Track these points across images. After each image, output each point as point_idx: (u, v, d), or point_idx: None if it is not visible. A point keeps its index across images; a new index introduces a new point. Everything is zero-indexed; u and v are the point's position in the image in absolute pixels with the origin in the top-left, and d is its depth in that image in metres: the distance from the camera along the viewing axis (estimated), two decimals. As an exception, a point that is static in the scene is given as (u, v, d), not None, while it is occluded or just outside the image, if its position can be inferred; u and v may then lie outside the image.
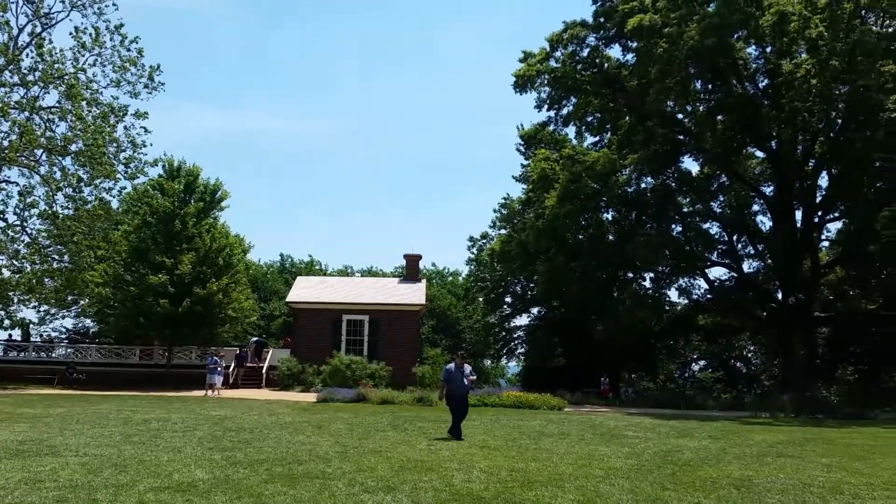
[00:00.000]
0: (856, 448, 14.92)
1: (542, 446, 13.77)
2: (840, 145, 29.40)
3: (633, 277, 38.19)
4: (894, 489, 9.94)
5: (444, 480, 9.61)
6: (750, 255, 38.96)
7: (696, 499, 8.94)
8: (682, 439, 15.75)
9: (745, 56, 31.68)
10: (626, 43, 34.46)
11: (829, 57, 26.42)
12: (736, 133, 31.26)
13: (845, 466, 12.15)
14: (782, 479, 10.59)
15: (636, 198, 35.95)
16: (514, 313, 47.50)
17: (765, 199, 35.58)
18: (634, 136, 33.72)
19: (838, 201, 33.32)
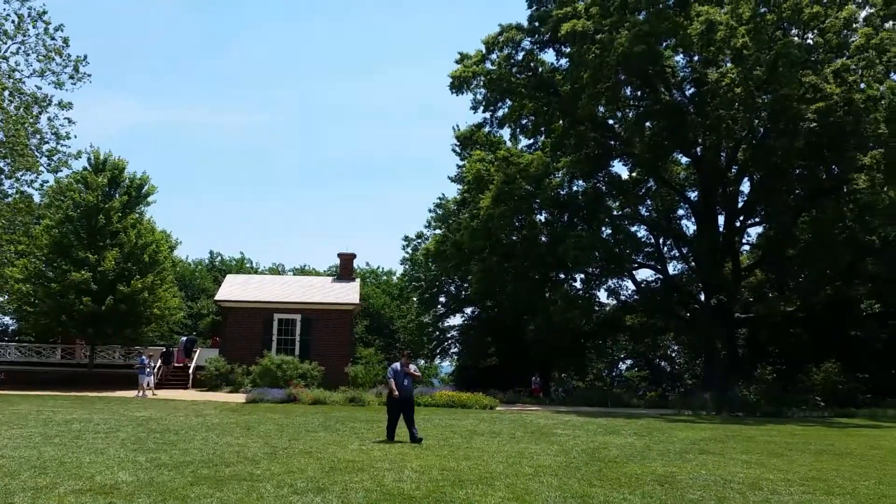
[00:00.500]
0: (773, 445, 15.58)
1: (473, 445, 13.90)
2: (761, 153, 30.58)
3: (565, 278, 38.86)
4: (810, 485, 10.44)
5: (375, 481, 9.61)
6: (675, 258, 40.20)
7: (622, 495, 9.19)
8: (609, 437, 16.15)
9: (673, 64, 32.69)
10: (559, 48, 35.07)
11: (753, 67, 27.48)
12: (663, 139, 32.20)
13: (764, 463, 12.68)
14: (704, 475, 10.99)
15: (568, 200, 36.63)
16: (448, 313, 47.71)
17: (690, 204, 36.77)
18: (567, 140, 34.36)
19: (759, 207, 34.69)
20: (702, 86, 30.68)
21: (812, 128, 28.00)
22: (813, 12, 28.01)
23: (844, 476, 11.31)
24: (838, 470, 11.97)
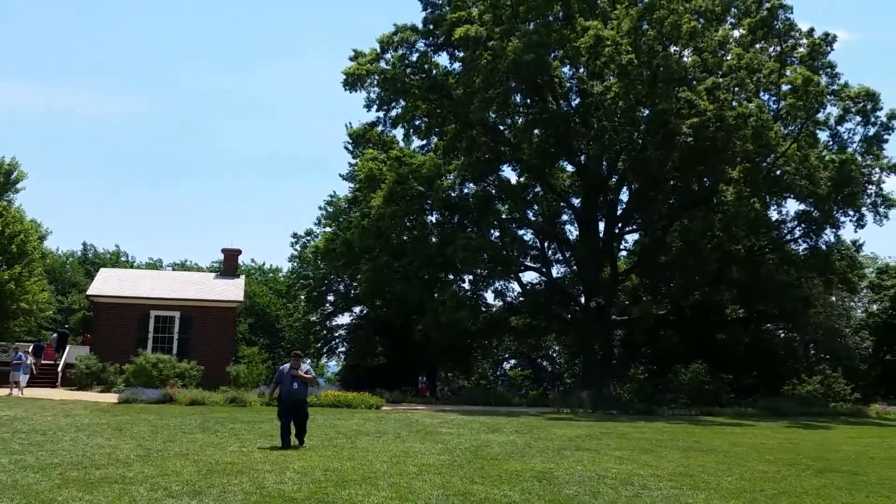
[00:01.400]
0: (644, 442, 16.40)
1: (358, 445, 13.86)
2: (640, 164, 32.12)
3: (454, 279, 39.35)
4: (677, 480, 11.02)
5: (255, 483, 9.41)
6: (559, 261, 41.52)
7: (503, 491, 9.43)
8: (491, 435, 16.51)
9: (561, 75, 33.79)
10: (453, 51, 35.49)
11: (635, 81, 28.86)
12: (550, 146, 33.29)
13: (635, 459, 13.33)
14: (580, 471, 11.44)
15: (459, 202, 37.15)
16: (337, 312, 47.23)
17: (573, 210, 38.18)
18: (459, 143, 34.87)
19: (636, 215, 36.47)
20: (587, 97, 31.92)
21: (686, 142, 29.62)
22: (691, 28, 29.66)
23: (709, 472, 12.04)
24: (704, 466, 12.74)
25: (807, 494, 10.18)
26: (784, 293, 35.23)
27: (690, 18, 29.90)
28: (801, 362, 41.57)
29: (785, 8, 32.69)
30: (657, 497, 9.56)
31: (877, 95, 31.90)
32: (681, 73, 29.42)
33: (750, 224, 32.01)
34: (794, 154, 30.79)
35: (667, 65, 28.36)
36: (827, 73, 32.50)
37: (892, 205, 32.89)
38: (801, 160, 30.62)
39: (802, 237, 34.96)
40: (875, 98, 31.93)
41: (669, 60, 28.93)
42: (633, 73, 28.74)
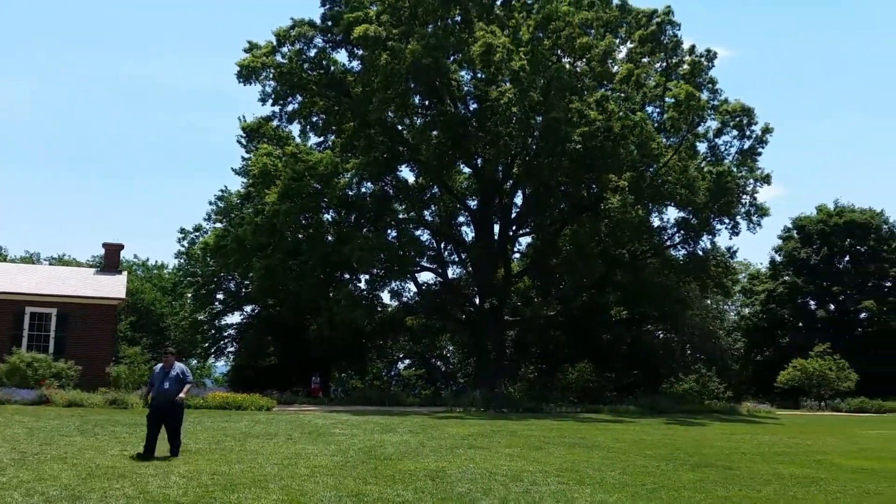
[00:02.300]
0: (534, 439, 16.87)
1: (247, 448, 13.56)
2: (533, 169, 32.99)
3: (350, 279, 39.09)
4: (564, 475, 11.42)
5: (138, 487, 9.05)
6: (455, 262, 42.02)
7: (396, 491, 9.49)
8: (385, 435, 16.54)
9: (459, 79, 34.21)
10: (352, 49, 35.26)
11: (529, 89, 29.61)
12: (448, 149, 33.63)
13: (525, 455, 13.70)
14: (472, 469, 11.66)
15: (356, 201, 36.92)
16: (226, 311, 45.88)
17: (470, 212, 38.76)
18: (357, 142, 34.64)
19: (529, 218, 37.44)
20: (483, 102, 32.44)
21: (577, 149, 30.69)
22: (584, 42, 30.76)
23: (594, 467, 12.55)
24: (588, 461, 13.26)
25: (684, 488, 10.77)
26: (664, 296, 37.10)
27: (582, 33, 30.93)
28: (679, 362, 43.90)
29: (673, 24, 34.44)
30: (545, 492, 9.88)
31: (752, 111, 34.06)
32: (572, 84, 30.44)
33: (634, 230, 33.45)
34: (676, 164, 32.47)
35: (559, 76, 29.27)
36: (708, 89, 34.49)
37: (764, 214, 35.18)
38: (681, 170, 32.32)
39: (682, 243, 36.91)
40: (750, 113, 34.08)
41: (562, 72, 29.88)
42: (527, 81, 29.48)
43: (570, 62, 32.95)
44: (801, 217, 53.27)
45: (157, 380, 12.47)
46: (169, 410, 12.19)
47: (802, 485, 11.48)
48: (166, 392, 12.22)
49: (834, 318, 49.76)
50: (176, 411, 12.31)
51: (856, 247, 50.57)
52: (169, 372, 12.47)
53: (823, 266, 50.58)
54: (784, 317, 50.69)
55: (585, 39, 30.81)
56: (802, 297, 51.27)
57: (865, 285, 49.67)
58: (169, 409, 12.19)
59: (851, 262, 51.01)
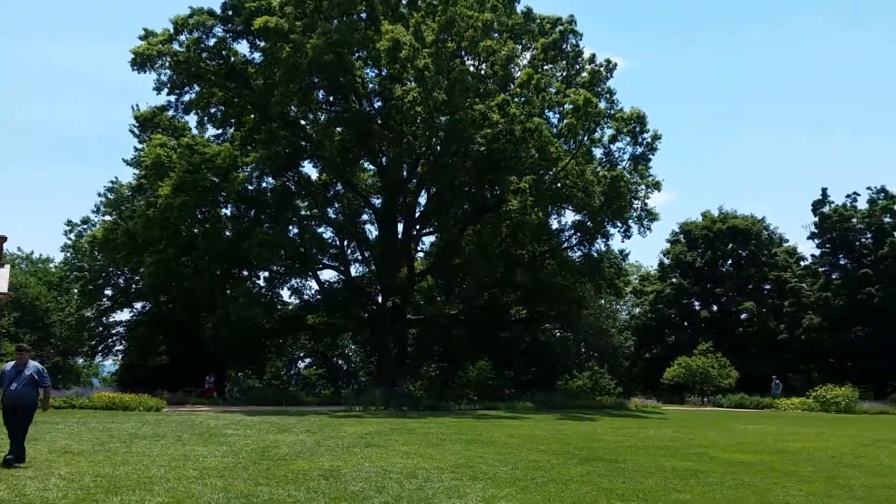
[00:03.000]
0: (431, 436, 17.00)
1: (133, 449, 13.05)
2: (437, 169, 33.21)
3: (248, 275, 38.20)
4: (459, 471, 11.57)
5: (14, 490, 8.59)
6: (358, 260, 41.81)
7: (288, 491, 9.37)
8: (280, 435, 16.27)
9: (364, 76, 34.04)
10: (254, 41, 34.42)
11: (433, 89, 29.79)
12: (352, 146, 33.42)
13: (421, 453, 13.79)
14: (367, 467, 11.65)
15: (256, 196, 36.10)
16: (116, 307, 43.93)
17: (374, 210, 38.64)
18: (258, 135, 33.86)
19: (433, 218, 37.67)
20: (388, 100, 32.40)
21: (480, 151, 31.13)
22: (487, 46, 31.23)
23: (488, 462, 12.78)
24: (483, 457, 13.49)
25: (572, 481, 11.13)
26: (561, 296, 38.19)
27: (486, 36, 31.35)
28: (574, 359, 45.35)
29: (575, 33, 35.49)
30: (438, 488, 10.00)
31: (645, 118, 35.41)
32: (475, 86, 30.84)
33: (533, 231, 34.25)
34: (573, 169, 33.45)
35: (462, 78, 29.61)
36: (606, 98, 35.67)
37: (654, 218, 36.75)
38: (578, 175, 33.32)
39: (578, 245, 38.05)
40: (643, 121, 35.44)
41: (466, 74, 30.23)
42: (431, 81, 29.66)
43: (475, 65, 33.39)
44: (688, 222, 56.00)
45: (7, 379, 11.28)
46: (19, 413, 11.14)
47: (683, 477, 12.06)
48: (16, 394, 11.13)
49: (717, 318, 52.58)
50: (26, 413, 11.24)
51: (738, 251, 53.62)
52: (22, 371, 11.34)
53: (708, 269, 53.38)
54: (671, 316, 53.14)
55: (489, 43, 31.30)
56: (688, 298, 53.92)
57: (746, 287, 52.74)
58: (19, 412, 11.14)
59: (733, 266, 54.06)
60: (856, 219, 51.59)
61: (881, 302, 46.42)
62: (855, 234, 51.29)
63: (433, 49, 30.13)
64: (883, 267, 48.23)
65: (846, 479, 12.29)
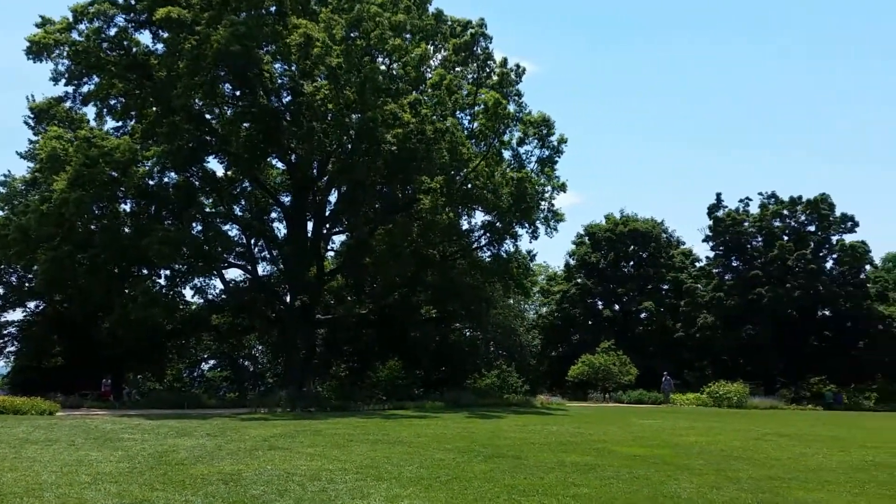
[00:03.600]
0: (337, 437, 16.89)
1: (23, 455, 12.45)
2: (348, 167, 32.95)
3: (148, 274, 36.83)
4: (363, 472, 11.56)
5: None
6: (265, 259, 40.96)
7: (185, 497, 9.15)
8: (179, 439, 15.82)
9: (273, 70, 33.36)
10: (157, 31, 33.20)
11: (344, 87, 29.57)
12: (260, 141, 32.69)
13: (326, 454, 13.70)
14: (269, 470, 11.50)
15: (158, 192, 34.77)
16: (7, 306, 41.49)
17: (282, 208, 37.96)
18: (160, 129, 32.58)
19: (343, 216, 37.38)
20: (298, 96, 31.94)
21: (391, 151, 31.11)
22: (395, 44, 31.17)
23: (393, 462, 12.83)
24: (389, 457, 13.53)
25: (475, 479, 11.33)
26: (471, 295, 38.64)
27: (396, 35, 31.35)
28: (483, 358, 45.99)
29: (486, 37, 35.93)
30: (342, 490, 9.99)
31: (552, 122, 36.27)
32: (386, 85, 30.80)
33: (444, 231, 34.52)
34: (483, 170, 33.94)
35: (373, 76, 29.52)
36: (515, 101, 36.31)
37: (560, 219, 37.69)
38: (488, 176, 33.83)
39: (487, 245, 38.62)
40: (550, 124, 36.28)
41: (376, 72, 30.16)
42: (343, 79, 29.45)
43: (387, 64, 33.36)
44: (592, 225, 57.86)
45: None
46: None
47: (581, 471, 12.49)
48: None
49: (618, 317, 54.55)
50: None
51: (639, 253, 55.82)
52: None
53: (610, 270, 55.31)
54: (576, 316, 54.78)
55: (398, 41, 31.25)
56: (592, 298, 55.74)
57: (646, 288, 54.95)
58: None
59: (635, 267, 56.22)
60: (748, 223, 54.64)
61: (770, 302, 49.33)
62: (747, 237, 54.33)
63: (343, 46, 29.89)
64: (772, 269, 51.25)
65: (734, 471, 13.01)
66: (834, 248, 52.81)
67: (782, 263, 50.98)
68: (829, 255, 53.11)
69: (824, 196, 53.01)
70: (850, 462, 14.88)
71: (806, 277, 49.99)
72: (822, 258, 52.77)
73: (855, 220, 52.72)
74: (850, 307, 49.85)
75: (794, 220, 53.86)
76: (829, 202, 52.89)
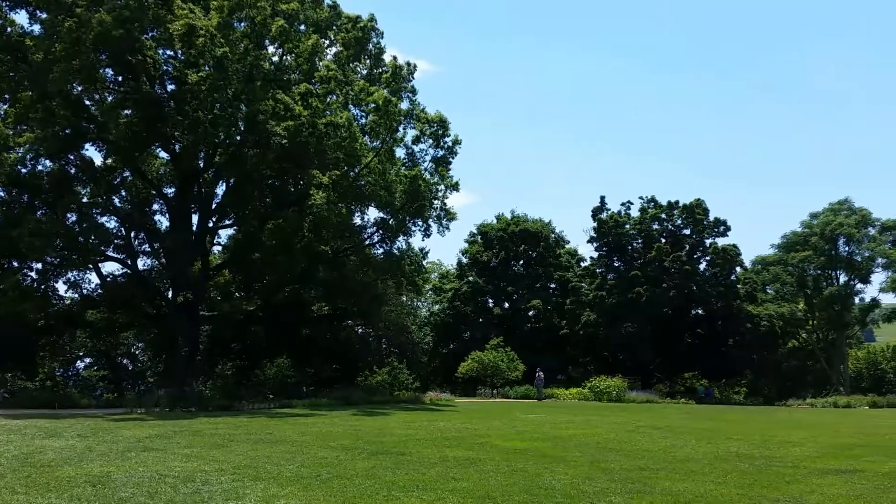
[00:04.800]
0: (217, 437, 16.47)
1: None
2: (236, 159, 32.07)
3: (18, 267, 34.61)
4: (241, 472, 11.33)
5: None
6: (146, 253, 39.28)
7: (49, 500, 8.76)
8: (48, 440, 15.02)
9: (157, 57, 32.01)
10: (34, 12, 31.19)
11: (231, 76, 28.75)
12: (142, 130, 31.28)
13: (203, 455, 13.34)
14: (141, 472, 11.12)
15: (30, 180, 32.76)
16: None
17: (166, 200, 36.51)
18: (34, 114, 30.64)
19: (231, 210, 36.34)
20: (183, 85, 30.83)
21: (282, 143, 30.52)
22: (280, 25, 30.44)
23: (274, 462, 12.65)
24: (269, 457, 13.33)
25: (357, 476, 11.36)
26: (363, 292, 38.56)
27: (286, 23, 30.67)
28: (375, 355, 45.97)
29: (377, 32, 35.91)
30: (216, 491, 9.79)
31: (447, 122, 36.65)
32: (274, 75, 30.19)
33: (337, 227, 34.22)
34: (376, 167, 33.91)
35: (258, 64, 28.89)
36: (409, 99, 36.49)
37: (452, 218, 38.10)
38: (381, 173, 33.83)
39: (380, 242, 38.62)
40: (446, 124, 36.66)
41: (263, 60, 29.51)
42: (230, 68, 28.64)
43: (279, 55, 32.72)
44: (484, 224, 59.03)
45: None
46: None
47: (462, 466, 12.76)
48: None
49: (508, 314, 55.88)
50: None
51: (528, 252, 57.35)
52: None
53: (501, 268, 56.59)
54: (467, 313, 55.71)
55: (281, 22, 30.40)
56: (483, 296, 56.84)
57: (534, 286, 56.55)
58: None
59: (524, 266, 57.73)
60: (629, 225, 57.27)
61: (648, 301, 51.93)
62: (628, 238, 56.94)
63: (228, 34, 28.99)
64: (650, 269, 53.93)
65: (608, 462, 13.65)
66: (707, 251, 56.15)
67: (660, 264, 53.73)
68: (703, 257, 56.45)
69: (699, 201, 56.22)
70: (715, 453, 15.84)
71: (681, 278, 52.92)
72: (697, 260, 56.02)
73: (727, 224, 56.27)
74: (722, 306, 53.18)
75: (672, 223, 56.86)
76: (703, 207, 56.15)
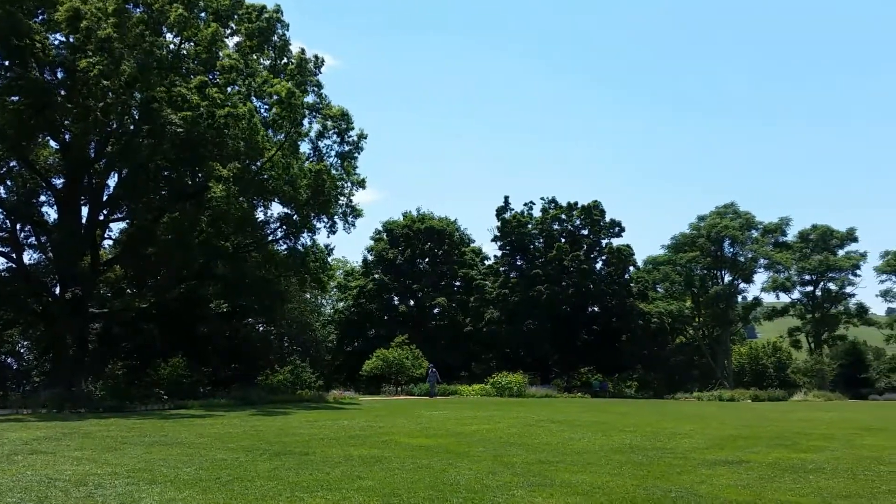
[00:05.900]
0: (110, 440, 15.76)
1: None
2: (129, 149, 30.64)
3: None
4: (136, 475, 10.90)
5: None
6: (32, 246, 37.08)
7: (-80, 513, 8.14)
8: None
9: (47, 42, 30.18)
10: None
11: (121, 62, 27.42)
12: (30, 118, 29.45)
13: (95, 458, 12.74)
14: (29, 476, 10.55)
15: None
16: None
17: (54, 191, 34.52)
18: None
19: (124, 202, 34.70)
20: (73, 71, 29.22)
21: (179, 134, 29.34)
22: (179, 15, 29.36)
23: (170, 464, 12.20)
24: (165, 459, 12.85)
25: (259, 478, 11.10)
26: (265, 289, 37.69)
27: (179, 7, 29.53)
28: (276, 354, 45.09)
29: (282, 23, 35.09)
30: (110, 495, 9.38)
31: (350, 116, 36.23)
32: (169, 63, 29.05)
33: (237, 222, 33.27)
34: (280, 161, 33.21)
35: (151, 51, 27.75)
36: (315, 92, 35.87)
37: (358, 215, 37.84)
38: (284, 167, 33.16)
39: (284, 238, 37.91)
40: (349, 119, 36.25)
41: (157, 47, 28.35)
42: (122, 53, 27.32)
43: (176, 43, 31.48)
44: (390, 221, 59.01)
45: None
46: None
47: (368, 464, 12.70)
48: None
49: (413, 312, 56.11)
50: None
51: (434, 250, 57.76)
52: None
53: (407, 266, 56.75)
54: (373, 311, 55.54)
55: (180, 12, 29.39)
56: (389, 294, 56.82)
57: (439, 284, 57.03)
58: None
59: (430, 264, 58.09)
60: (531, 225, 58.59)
61: (548, 298, 53.31)
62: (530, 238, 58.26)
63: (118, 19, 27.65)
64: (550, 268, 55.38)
65: (510, 456, 13.92)
66: (603, 251, 58.21)
67: (559, 263, 55.28)
68: (599, 256, 58.49)
69: (596, 203, 58.18)
70: (610, 445, 16.41)
71: (579, 276, 54.63)
72: (594, 259, 57.97)
73: (622, 225, 58.52)
74: (616, 304, 55.25)
75: (571, 223, 58.60)
76: (600, 209, 58.15)
